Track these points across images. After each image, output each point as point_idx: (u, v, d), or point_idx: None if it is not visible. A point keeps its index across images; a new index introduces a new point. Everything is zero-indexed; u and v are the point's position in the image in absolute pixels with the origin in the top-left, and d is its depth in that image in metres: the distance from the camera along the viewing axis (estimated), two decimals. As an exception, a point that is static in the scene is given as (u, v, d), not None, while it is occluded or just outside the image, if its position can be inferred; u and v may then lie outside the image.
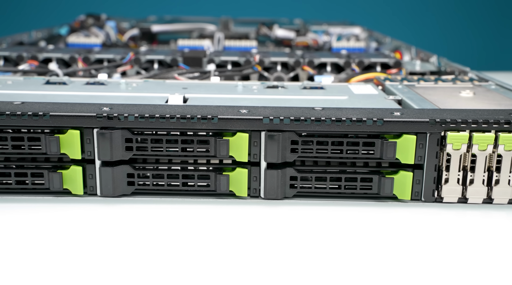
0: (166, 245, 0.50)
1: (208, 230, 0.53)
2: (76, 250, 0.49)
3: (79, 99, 0.65)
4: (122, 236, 0.52)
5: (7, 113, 0.56)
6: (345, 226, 0.54)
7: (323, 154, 0.58)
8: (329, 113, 0.58)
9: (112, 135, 0.56)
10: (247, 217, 0.56)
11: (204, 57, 1.01)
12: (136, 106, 0.59)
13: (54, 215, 0.56)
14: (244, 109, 0.58)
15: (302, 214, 0.56)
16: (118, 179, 0.58)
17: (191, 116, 0.56)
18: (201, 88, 0.75)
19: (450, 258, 0.48)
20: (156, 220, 0.55)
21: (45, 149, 0.57)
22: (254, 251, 0.49)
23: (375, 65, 1.01)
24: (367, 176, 0.58)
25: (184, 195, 0.60)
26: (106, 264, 0.47)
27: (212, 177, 0.58)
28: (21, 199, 0.58)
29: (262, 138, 0.57)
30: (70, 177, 0.58)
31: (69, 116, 0.56)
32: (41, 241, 0.50)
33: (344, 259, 0.48)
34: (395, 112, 0.58)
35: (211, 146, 0.57)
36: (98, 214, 0.56)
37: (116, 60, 1.00)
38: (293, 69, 1.01)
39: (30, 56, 0.98)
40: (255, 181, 0.59)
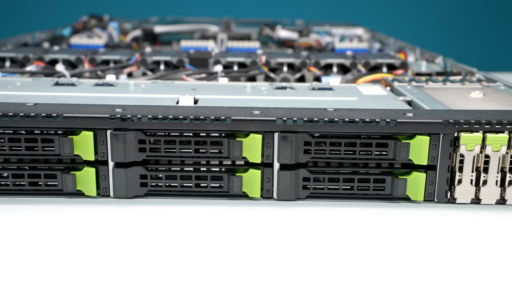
0: (180, 246, 0.50)
1: (221, 231, 0.53)
2: (90, 251, 0.49)
3: (90, 101, 0.65)
4: (135, 237, 0.52)
5: (20, 114, 0.56)
6: (359, 227, 0.54)
7: (335, 154, 0.58)
8: (341, 114, 0.58)
9: (125, 136, 0.56)
10: (260, 218, 0.56)
11: (210, 58, 1.00)
12: (149, 108, 0.59)
13: (67, 216, 0.56)
14: (257, 110, 0.59)
15: (315, 215, 0.56)
16: (131, 180, 0.58)
17: (205, 118, 0.56)
18: (210, 89, 0.75)
19: (463, 259, 0.48)
20: (169, 221, 0.55)
21: (58, 150, 0.57)
22: (268, 252, 0.49)
23: (381, 66, 1.01)
24: (380, 177, 0.58)
25: (197, 196, 0.60)
26: (120, 265, 0.47)
27: (225, 178, 0.58)
28: (34, 200, 0.58)
29: (275, 139, 0.57)
30: (83, 178, 0.58)
31: (82, 117, 0.56)
32: (55, 242, 0.51)
33: (358, 260, 0.48)
34: (407, 113, 0.58)
35: (224, 147, 0.57)
36: (111, 216, 0.56)
37: (122, 61, 1.00)
38: (299, 70, 1.01)
39: (36, 57, 0.98)
40: (268, 182, 0.59)
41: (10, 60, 0.99)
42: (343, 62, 1.01)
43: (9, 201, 0.58)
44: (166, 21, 1.89)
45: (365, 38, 1.55)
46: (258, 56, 1.03)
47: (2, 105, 0.58)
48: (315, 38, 1.52)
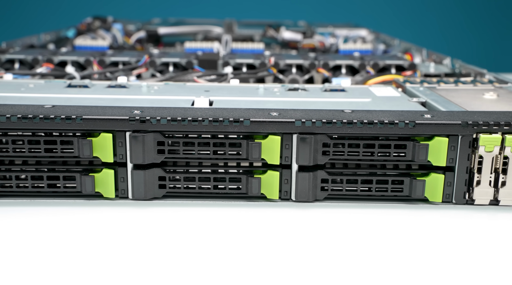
0: (198, 248, 0.50)
1: (240, 233, 0.53)
2: (109, 253, 0.49)
3: (105, 102, 0.65)
4: (153, 239, 0.52)
5: (40, 116, 0.56)
6: (377, 229, 0.55)
7: (354, 156, 0.58)
8: (359, 116, 0.58)
9: (144, 138, 0.56)
10: (278, 219, 0.56)
11: (219, 59, 1.01)
12: (166, 110, 0.59)
13: (86, 218, 0.56)
14: (275, 112, 0.59)
15: (333, 217, 0.57)
16: (149, 182, 0.58)
17: (223, 119, 0.56)
18: (223, 91, 0.75)
19: (482, 261, 0.48)
20: (187, 223, 0.55)
21: (77, 152, 0.57)
22: (286, 254, 0.49)
23: (389, 67, 1.01)
24: (398, 178, 0.58)
25: (215, 198, 0.60)
26: (139, 267, 0.47)
27: (244, 179, 0.59)
28: (53, 202, 0.58)
29: (293, 141, 0.57)
30: (102, 180, 0.58)
31: (101, 119, 0.56)
32: (74, 244, 0.51)
33: (377, 261, 0.48)
34: (425, 115, 0.58)
35: (243, 149, 0.57)
36: (130, 217, 0.56)
37: (131, 63, 1.00)
38: (308, 71, 1.01)
39: (45, 59, 0.98)
40: (286, 184, 0.59)
41: (19, 62, 0.99)
42: (351, 63, 1.01)
43: (28, 202, 0.58)
44: (169, 22, 1.89)
45: (369, 40, 1.55)
46: (267, 57, 1.03)
47: (20, 107, 0.58)
48: (319, 39, 1.52)
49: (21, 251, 0.49)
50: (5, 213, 0.56)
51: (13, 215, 0.56)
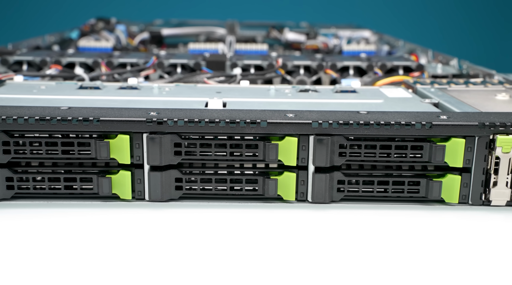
0: (215, 250, 0.50)
1: (256, 234, 0.53)
2: (126, 254, 0.49)
3: (118, 104, 0.65)
4: (170, 240, 0.52)
5: (57, 118, 0.56)
6: (394, 230, 0.55)
7: (370, 157, 0.58)
8: (375, 117, 0.58)
9: (162, 140, 0.56)
10: (295, 221, 0.56)
11: (227, 61, 1.01)
12: (183, 111, 0.59)
13: (103, 219, 0.56)
14: (291, 113, 0.59)
15: (349, 218, 0.57)
16: (166, 184, 0.58)
17: (241, 121, 0.56)
18: (235, 92, 0.76)
19: (499, 263, 0.49)
20: (204, 224, 0.55)
21: (94, 153, 0.57)
22: (303, 256, 0.49)
23: (397, 68, 1.02)
24: (415, 180, 0.59)
25: (231, 199, 0.60)
26: (157, 268, 0.47)
27: (260, 181, 0.59)
28: (69, 204, 0.58)
29: (310, 142, 0.57)
30: (119, 181, 0.58)
31: (119, 121, 0.56)
32: (91, 245, 0.51)
33: (394, 263, 0.48)
34: (441, 116, 0.58)
35: (259, 150, 0.57)
36: (147, 219, 0.56)
37: (139, 64, 1.00)
38: (316, 72, 1.01)
39: (53, 61, 0.98)
40: (302, 185, 0.59)
41: (27, 64, 0.98)
42: (359, 64, 1.02)
43: (45, 204, 0.58)
44: (171, 23, 1.89)
45: (372, 41, 1.55)
46: (274, 59, 1.03)
47: (37, 109, 0.58)
48: (323, 40, 1.53)
49: (39, 252, 0.49)
50: (23, 215, 0.56)
51: (31, 217, 0.56)
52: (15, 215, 0.56)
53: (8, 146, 0.56)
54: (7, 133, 0.56)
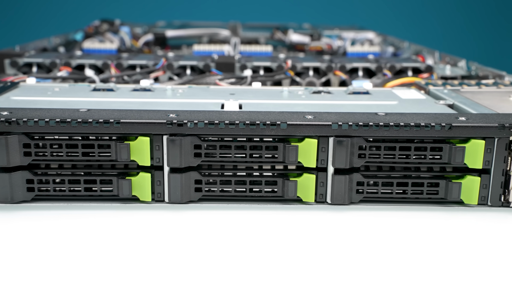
0: (235, 251, 0.50)
1: (276, 236, 0.53)
2: (146, 256, 0.49)
3: (134, 106, 0.65)
4: (190, 242, 0.52)
5: (78, 120, 0.56)
6: (414, 231, 0.55)
7: (389, 159, 0.58)
8: (393, 119, 0.58)
9: (182, 142, 0.56)
10: (315, 222, 0.56)
11: (236, 63, 1.01)
12: (202, 113, 0.59)
13: (123, 221, 0.56)
14: (309, 115, 0.59)
15: (369, 220, 0.57)
16: (186, 186, 0.58)
17: (260, 122, 0.56)
18: (249, 94, 0.76)
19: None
20: (224, 226, 0.55)
21: (115, 156, 0.57)
22: (322, 257, 0.50)
23: (406, 70, 1.02)
24: (434, 181, 0.59)
25: (251, 201, 0.60)
26: (177, 270, 0.47)
27: (280, 182, 0.59)
28: (89, 206, 0.58)
29: (330, 144, 0.57)
30: (139, 183, 0.58)
31: (139, 123, 0.56)
32: (112, 247, 0.51)
33: (414, 264, 0.49)
34: (459, 117, 0.58)
35: (279, 152, 0.58)
36: (167, 221, 0.56)
37: (148, 66, 1.00)
38: (325, 74, 1.01)
39: (63, 62, 0.98)
40: (322, 187, 0.59)
41: (37, 66, 0.98)
42: (368, 66, 1.02)
43: (65, 206, 0.58)
44: (174, 25, 1.89)
45: (376, 42, 1.56)
46: (282, 60, 1.04)
47: (56, 111, 0.58)
48: (327, 42, 1.53)
49: (59, 254, 0.49)
50: (43, 216, 0.56)
51: (51, 218, 0.56)
52: (35, 217, 0.56)
53: (28, 148, 0.56)
54: (27, 135, 0.56)
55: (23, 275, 0.45)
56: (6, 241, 0.51)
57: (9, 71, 0.98)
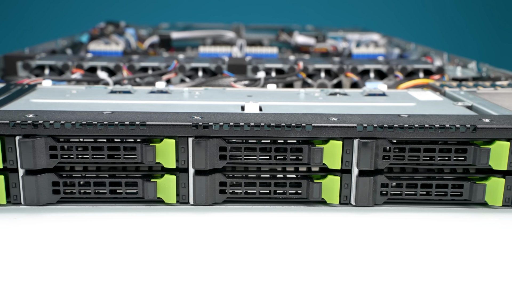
0: (259, 254, 0.50)
1: (300, 238, 0.54)
2: (171, 257, 0.49)
3: (154, 108, 0.65)
4: (215, 244, 0.52)
5: (104, 123, 0.56)
6: (438, 233, 0.55)
7: (413, 160, 0.58)
8: (418, 120, 0.58)
9: (207, 144, 0.57)
10: (340, 224, 0.56)
11: (248, 64, 1.01)
12: (226, 115, 0.59)
13: (148, 222, 0.56)
14: (333, 117, 0.59)
15: (393, 222, 0.57)
16: (211, 188, 0.58)
17: (286, 125, 0.57)
18: (266, 96, 0.76)
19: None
20: (248, 228, 0.55)
21: (140, 158, 0.57)
22: (347, 259, 0.50)
23: (417, 71, 1.02)
24: (458, 182, 0.59)
25: (275, 203, 0.60)
26: (202, 271, 0.47)
27: (304, 184, 0.59)
28: (114, 208, 0.58)
29: (354, 145, 0.58)
30: (164, 185, 0.58)
31: (165, 125, 0.56)
32: (138, 249, 0.51)
33: (438, 266, 0.49)
34: (483, 119, 0.59)
35: (304, 154, 0.58)
36: (193, 222, 0.56)
37: (160, 68, 1.00)
38: (336, 76, 1.02)
39: (75, 65, 0.98)
40: (346, 188, 0.59)
41: (49, 68, 0.98)
42: (380, 68, 1.02)
43: (90, 209, 0.58)
44: (177, 27, 1.89)
45: (381, 44, 1.56)
46: (292, 62, 1.04)
47: (81, 113, 0.58)
48: (332, 43, 1.53)
49: (85, 256, 0.49)
50: (69, 219, 0.56)
51: (77, 220, 0.56)
52: (61, 219, 0.56)
53: (55, 151, 0.56)
54: (53, 138, 0.56)
55: (50, 277, 0.45)
56: (33, 243, 0.51)
57: (22, 73, 0.98)
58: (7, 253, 0.49)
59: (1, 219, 0.55)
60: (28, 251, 0.50)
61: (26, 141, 0.55)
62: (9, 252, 0.49)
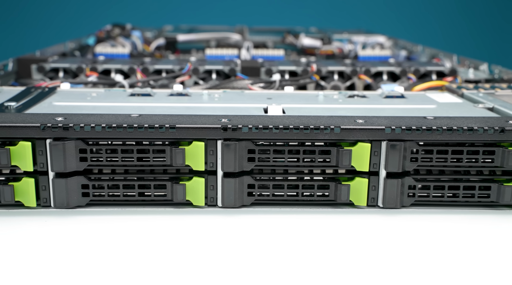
0: (286, 256, 0.51)
1: (328, 241, 0.54)
2: (200, 259, 0.49)
3: (177, 111, 0.65)
4: (243, 246, 0.52)
5: (134, 126, 0.56)
6: (466, 235, 0.55)
7: (440, 162, 0.59)
8: (445, 122, 0.59)
9: (237, 146, 0.57)
10: (368, 226, 0.57)
11: (262, 67, 1.01)
12: (254, 118, 0.59)
13: (178, 225, 0.56)
14: (360, 119, 0.59)
15: (421, 224, 0.57)
16: (239, 190, 0.58)
17: (315, 127, 0.57)
18: (286, 98, 0.76)
19: None
20: (277, 230, 0.56)
21: (169, 160, 0.57)
22: (376, 262, 0.50)
23: (430, 73, 1.02)
24: (485, 184, 0.59)
25: (302, 205, 0.60)
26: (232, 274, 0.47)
27: (332, 186, 0.59)
28: (143, 211, 0.58)
29: (382, 148, 0.58)
30: (192, 188, 0.58)
31: (194, 128, 0.56)
32: (169, 251, 0.51)
33: (465, 268, 0.49)
34: (510, 121, 0.59)
35: (332, 156, 0.58)
36: (222, 225, 0.56)
37: (174, 71, 1.00)
38: (349, 78, 1.02)
39: (90, 68, 0.98)
40: (373, 190, 0.59)
41: (63, 71, 0.98)
42: (393, 70, 1.02)
43: (119, 211, 0.58)
44: (181, 29, 1.89)
45: (387, 46, 1.56)
46: (304, 64, 1.04)
47: (109, 116, 0.58)
48: (338, 45, 1.53)
49: (116, 258, 0.49)
50: (99, 221, 0.56)
51: (107, 223, 0.56)
52: (91, 222, 0.56)
53: (85, 154, 0.56)
54: (83, 140, 0.56)
55: (81, 278, 0.46)
56: (66, 245, 0.51)
57: (36, 76, 0.97)
58: (40, 255, 0.49)
59: (32, 221, 0.55)
60: (61, 253, 0.50)
61: (57, 144, 0.55)
62: (43, 254, 0.50)
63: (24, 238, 0.52)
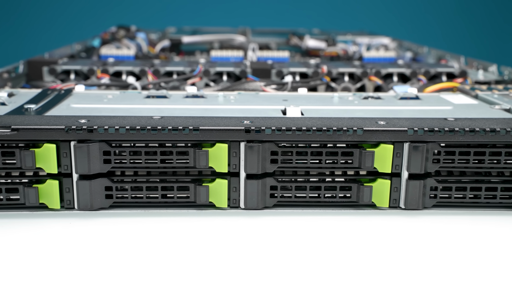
0: (309, 257, 0.51)
1: (353, 242, 0.54)
2: (227, 261, 0.50)
3: (195, 112, 0.65)
4: (266, 248, 0.52)
5: (158, 128, 0.56)
6: (488, 236, 0.56)
7: (462, 164, 0.59)
8: (466, 124, 0.59)
9: (260, 148, 0.57)
10: (389, 228, 0.57)
11: (272, 69, 1.01)
12: (275, 119, 0.59)
13: (202, 227, 0.56)
14: (381, 121, 0.59)
15: (443, 226, 0.57)
16: (262, 192, 0.58)
17: (337, 129, 0.57)
18: (301, 100, 0.76)
19: None
20: (301, 231, 0.56)
21: (193, 162, 0.57)
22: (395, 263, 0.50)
23: (440, 75, 1.03)
24: (507, 186, 0.59)
25: (324, 206, 0.60)
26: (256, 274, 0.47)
27: (354, 188, 0.59)
28: (166, 213, 0.58)
29: (405, 149, 0.58)
30: (215, 190, 0.58)
31: (217, 130, 0.56)
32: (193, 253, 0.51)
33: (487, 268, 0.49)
34: (530, 122, 0.59)
35: (355, 158, 0.58)
36: (246, 226, 0.56)
37: (185, 73, 1.00)
38: (360, 79, 1.02)
39: (101, 70, 0.98)
40: (395, 192, 0.59)
41: (74, 73, 0.98)
42: (403, 71, 1.02)
43: (142, 213, 0.58)
44: (184, 31, 1.89)
45: (391, 47, 1.56)
46: (313, 66, 1.04)
47: (131, 118, 0.58)
48: (342, 47, 1.53)
49: (140, 260, 0.49)
50: (122, 223, 0.56)
51: (130, 224, 0.56)
52: (115, 224, 0.56)
53: (108, 156, 0.56)
54: (107, 143, 0.56)
55: (106, 280, 0.46)
56: (87, 247, 0.51)
57: (47, 78, 0.97)
58: (64, 257, 0.49)
59: (56, 223, 0.55)
60: (85, 255, 0.50)
61: (81, 147, 0.55)
62: (67, 256, 0.50)
63: (49, 240, 0.52)
